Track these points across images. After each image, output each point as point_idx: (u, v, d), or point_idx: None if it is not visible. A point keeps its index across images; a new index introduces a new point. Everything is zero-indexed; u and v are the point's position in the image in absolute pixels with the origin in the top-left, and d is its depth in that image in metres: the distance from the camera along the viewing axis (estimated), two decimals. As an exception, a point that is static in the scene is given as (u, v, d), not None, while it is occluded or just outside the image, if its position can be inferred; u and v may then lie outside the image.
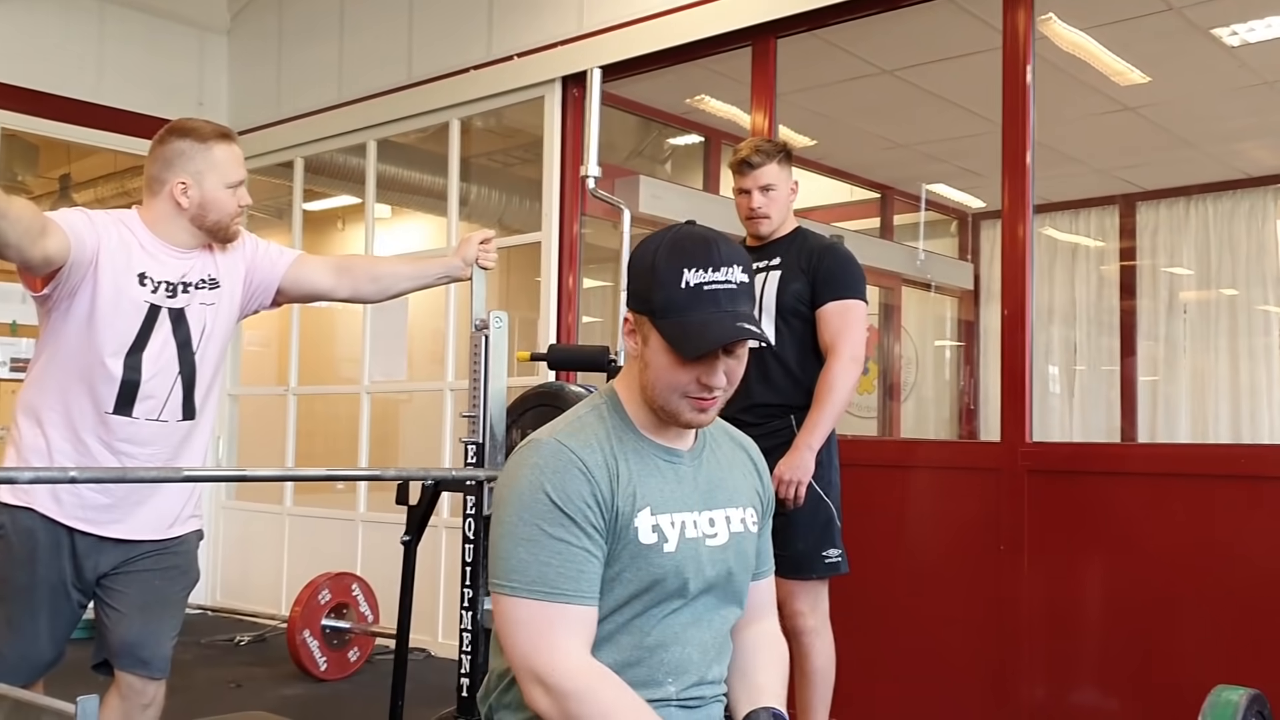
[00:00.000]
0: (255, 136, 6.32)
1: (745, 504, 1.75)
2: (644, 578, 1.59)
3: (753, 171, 3.18)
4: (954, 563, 3.78)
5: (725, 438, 1.81)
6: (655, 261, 1.60)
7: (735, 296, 1.58)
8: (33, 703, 1.57)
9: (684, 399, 1.61)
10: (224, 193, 2.45)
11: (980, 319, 7.87)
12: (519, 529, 1.54)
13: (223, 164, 2.45)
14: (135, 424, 2.40)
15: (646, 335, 1.62)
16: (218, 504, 6.47)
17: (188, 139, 2.43)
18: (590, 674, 1.52)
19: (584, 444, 1.59)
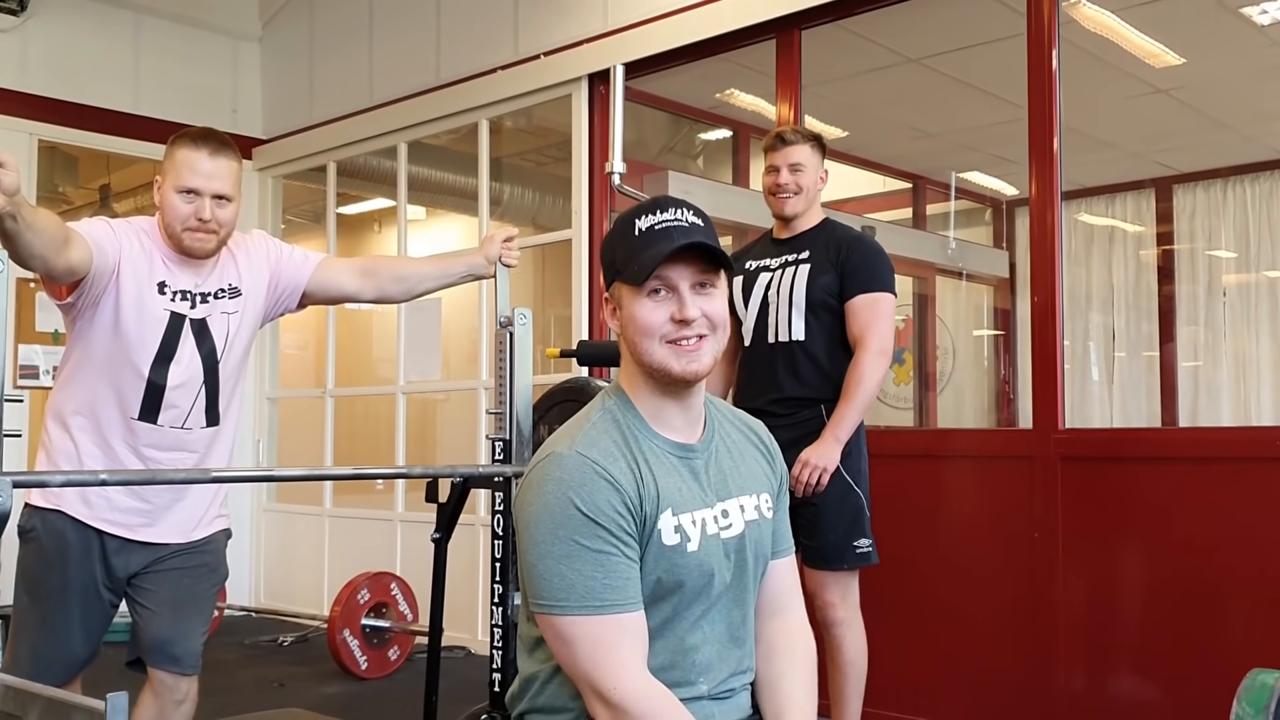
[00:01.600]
0: (288, 142, 6.40)
1: (758, 490, 1.75)
2: (670, 579, 1.59)
3: (784, 148, 3.19)
4: (988, 551, 3.77)
5: (731, 424, 1.80)
6: (612, 232, 1.68)
7: (689, 231, 1.60)
8: (64, 700, 1.60)
9: (666, 346, 1.60)
10: (174, 197, 2.38)
11: (1016, 307, 7.80)
12: (555, 547, 1.53)
13: (179, 166, 2.38)
14: (160, 431, 2.45)
15: (619, 298, 1.64)
16: (259, 507, 6.56)
17: (172, 142, 2.43)
18: (650, 697, 1.52)
19: (605, 453, 1.58)
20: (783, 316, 3.17)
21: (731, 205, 6.00)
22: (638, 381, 1.67)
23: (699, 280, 1.61)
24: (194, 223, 2.39)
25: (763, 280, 3.23)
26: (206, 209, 2.39)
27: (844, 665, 3.11)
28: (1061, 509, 3.59)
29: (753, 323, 3.24)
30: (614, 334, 1.69)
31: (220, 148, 2.41)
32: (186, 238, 2.41)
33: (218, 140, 2.42)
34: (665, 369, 1.61)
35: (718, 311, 1.63)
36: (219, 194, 2.39)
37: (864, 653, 3.13)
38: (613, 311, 1.67)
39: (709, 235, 1.62)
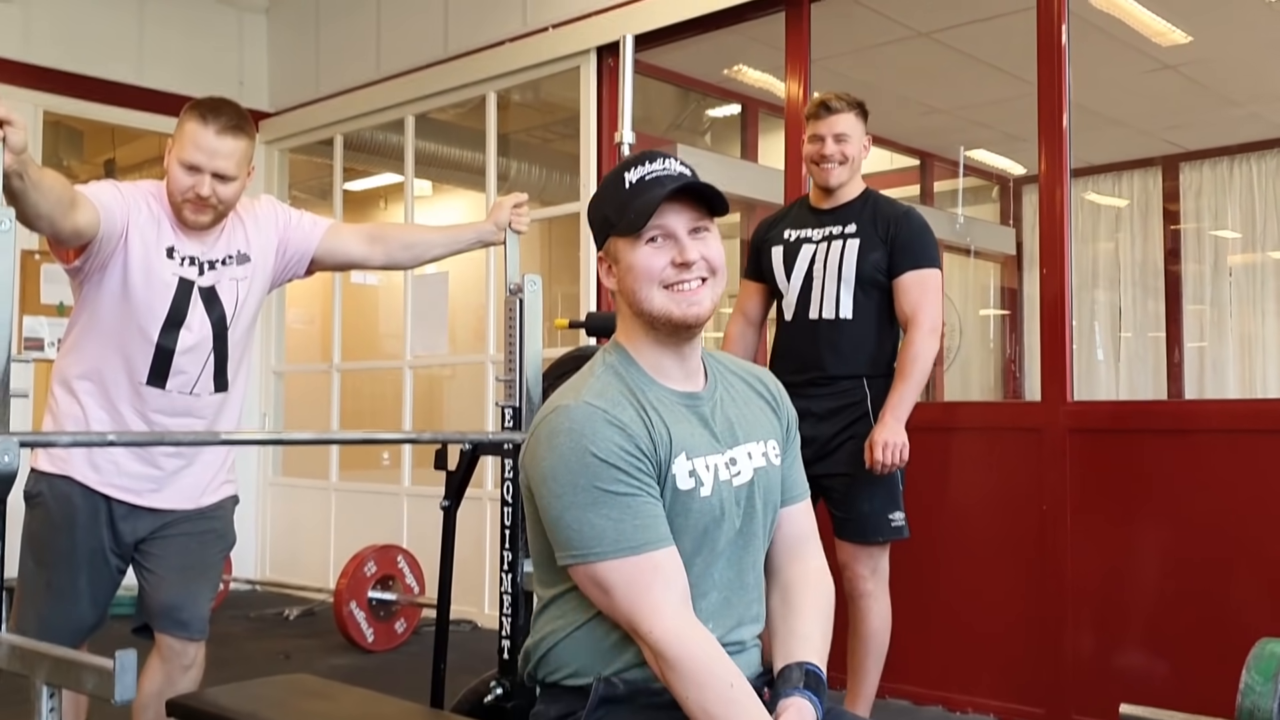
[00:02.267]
0: (295, 115, 6.38)
1: (765, 437, 1.75)
2: (684, 524, 1.59)
3: (829, 116, 3.13)
4: (996, 523, 3.77)
5: (734, 375, 1.80)
6: (600, 191, 1.69)
7: (678, 178, 1.62)
8: (72, 660, 1.61)
9: (666, 291, 1.61)
10: (177, 168, 2.36)
11: (1023, 285, 7.79)
12: (578, 496, 1.53)
13: (184, 139, 2.35)
14: (168, 396, 2.44)
15: (615, 253, 1.65)
16: (265, 481, 6.56)
17: (186, 110, 2.40)
18: (685, 638, 1.52)
19: (613, 402, 1.58)
20: (829, 292, 3.13)
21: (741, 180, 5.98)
22: (637, 334, 1.67)
23: (695, 225, 1.62)
24: (192, 195, 2.37)
25: (806, 253, 3.18)
26: (206, 186, 2.36)
27: (866, 637, 3.11)
28: (1070, 481, 3.59)
29: (795, 297, 3.19)
30: (612, 291, 1.69)
31: (229, 127, 2.37)
32: (185, 209, 2.40)
33: (229, 117, 2.38)
34: (666, 314, 1.61)
35: (715, 255, 1.64)
36: (221, 173, 2.37)
37: (888, 626, 3.13)
38: (608, 269, 1.68)
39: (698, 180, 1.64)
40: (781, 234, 3.26)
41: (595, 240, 1.71)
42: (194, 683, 2.53)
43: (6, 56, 5.53)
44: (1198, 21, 5.42)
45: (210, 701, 2.14)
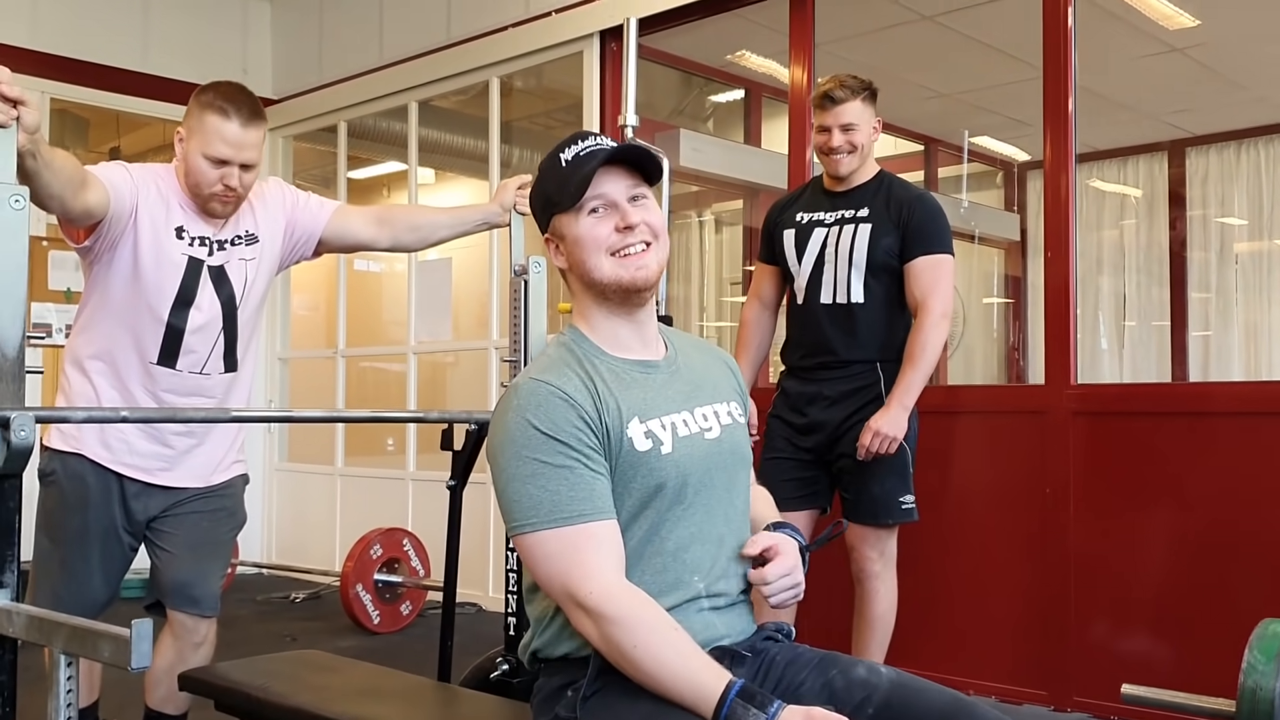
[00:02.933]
0: (298, 102, 6.39)
1: (728, 399, 1.79)
2: (648, 484, 1.61)
3: (835, 107, 3.11)
4: (1001, 506, 3.78)
5: (693, 348, 1.85)
6: (539, 176, 1.73)
7: (611, 150, 1.66)
8: (88, 629, 1.63)
9: (613, 258, 1.65)
10: (201, 161, 2.38)
11: (1027, 271, 7.79)
12: (519, 468, 1.55)
13: (208, 133, 2.36)
14: (179, 375, 2.46)
15: (560, 230, 1.69)
16: (271, 466, 6.59)
17: (200, 96, 2.42)
18: (625, 597, 1.53)
19: (559, 375, 1.61)
20: (840, 277, 3.12)
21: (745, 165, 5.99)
22: (589, 308, 1.71)
23: (633, 193, 1.67)
24: (220, 188, 2.41)
25: (818, 236, 3.17)
26: (235, 177, 2.40)
27: (873, 619, 3.12)
28: (1073, 464, 3.60)
29: (806, 281, 3.19)
30: (562, 270, 1.72)
31: (251, 116, 2.40)
32: (213, 202, 2.43)
33: (249, 107, 2.40)
34: (616, 280, 1.66)
35: (656, 220, 1.69)
36: (247, 163, 2.41)
37: (894, 609, 3.14)
38: (556, 249, 1.72)
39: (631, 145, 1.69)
40: (794, 217, 3.25)
41: (540, 225, 1.75)
42: (205, 659, 2.55)
43: (14, 44, 5.54)
44: (1205, 4, 5.42)
45: (222, 675, 2.17)
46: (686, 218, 7.58)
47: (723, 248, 7.86)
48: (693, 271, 7.68)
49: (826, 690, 1.60)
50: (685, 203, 7.38)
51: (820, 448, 3.16)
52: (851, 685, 1.59)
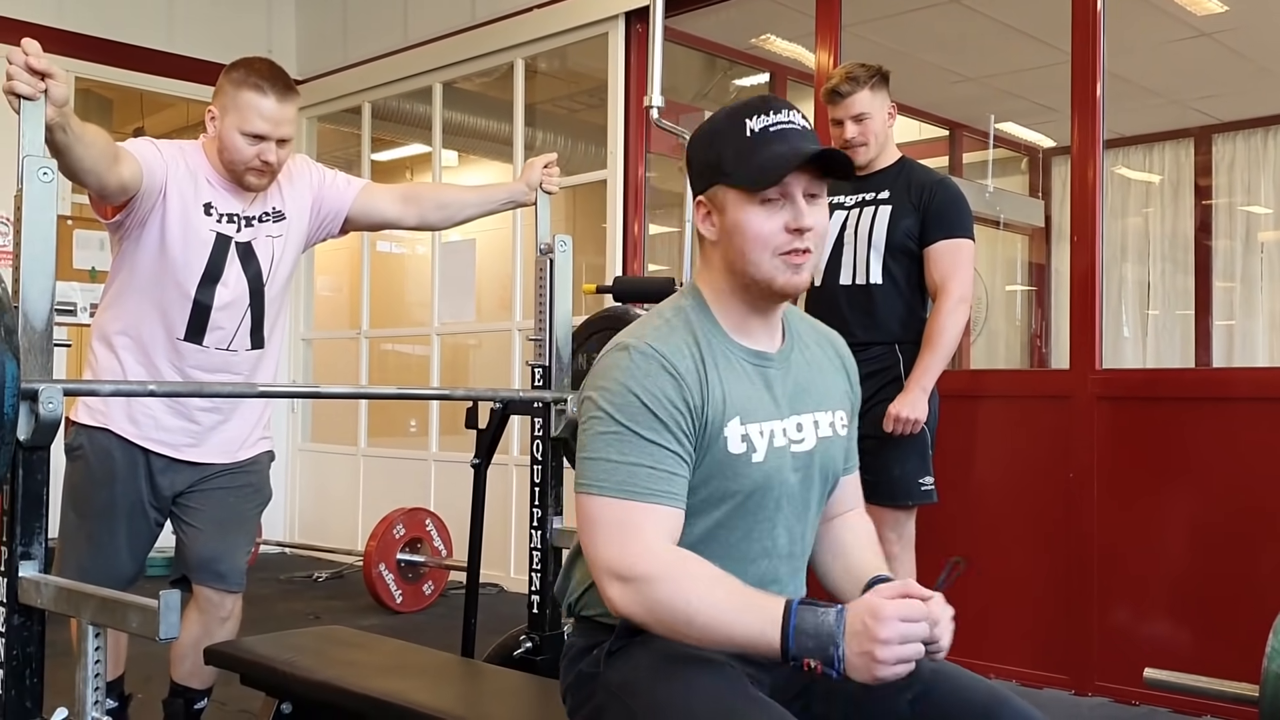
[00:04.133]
0: (323, 82, 6.40)
1: (835, 406, 1.71)
2: (731, 488, 1.55)
3: (843, 100, 3.12)
4: (1023, 490, 3.77)
5: (813, 335, 1.75)
6: (714, 126, 1.58)
7: (804, 136, 1.53)
8: (117, 599, 1.65)
9: (776, 258, 1.53)
10: (238, 137, 2.40)
11: (1052, 257, 7.74)
12: (608, 430, 1.49)
13: (245, 110, 2.38)
14: (206, 352, 2.47)
15: (721, 202, 1.56)
16: (294, 447, 6.63)
17: (232, 74, 2.43)
18: (672, 556, 1.46)
19: (674, 349, 1.53)
20: (860, 258, 3.12)
21: (767, 147, 5.95)
22: (723, 290, 1.60)
23: (811, 190, 1.54)
24: (257, 163, 2.42)
25: (837, 218, 3.17)
26: (271, 153, 2.42)
27: None
28: (1098, 448, 3.58)
29: (825, 262, 3.18)
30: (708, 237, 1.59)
31: (286, 91, 2.42)
32: (249, 176, 2.45)
33: (283, 82, 2.43)
34: (770, 281, 1.55)
35: (823, 224, 1.57)
36: (282, 137, 2.43)
37: None
38: (706, 215, 1.58)
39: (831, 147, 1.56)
40: None
41: (692, 183, 1.62)
42: (231, 634, 2.57)
43: (41, 22, 5.56)
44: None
45: (248, 649, 2.19)
46: (708, 201, 7.56)
47: (746, 231, 7.83)
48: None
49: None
50: (707, 186, 7.36)
51: None
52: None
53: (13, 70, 1.82)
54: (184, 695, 2.65)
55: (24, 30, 5.38)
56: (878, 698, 1.49)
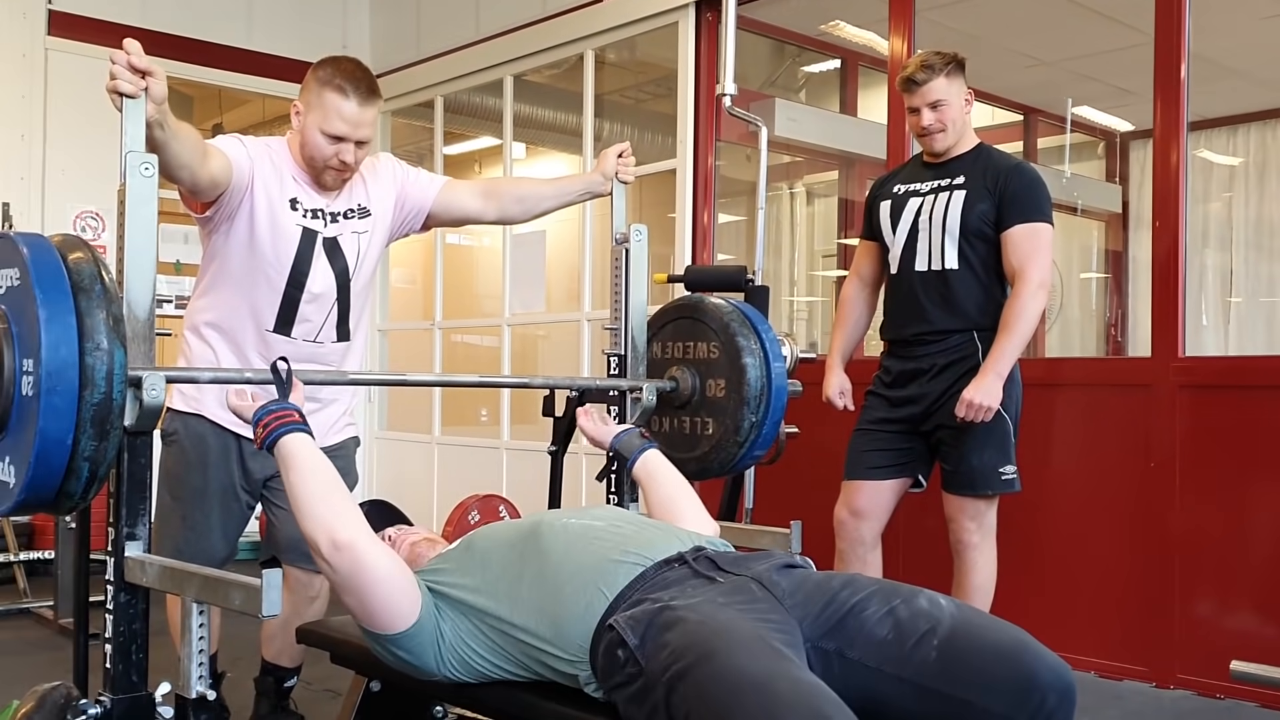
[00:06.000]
0: (397, 77, 6.48)
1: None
2: None
3: (919, 89, 3.11)
4: (1102, 480, 3.72)
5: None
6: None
7: None
8: (219, 578, 1.71)
9: None
10: (318, 136, 2.45)
11: (1129, 243, 7.60)
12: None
13: (327, 109, 2.44)
14: (294, 343, 2.54)
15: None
16: (371, 435, 6.74)
17: (319, 72, 2.49)
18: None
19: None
20: (934, 244, 3.11)
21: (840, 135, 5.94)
22: None
23: None
24: (335, 162, 2.49)
25: (912, 205, 3.17)
26: (349, 153, 2.48)
27: (970, 590, 3.10)
28: (1179, 438, 3.53)
29: (900, 250, 3.18)
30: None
31: (368, 94, 2.47)
32: (326, 174, 2.51)
33: (367, 86, 2.48)
34: None
35: None
36: (362, 140, 2.48)
37: (993, 581, 3.12)
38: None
39: None
40: (891, 189, 3.27)
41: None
42: (319, 613, 2.65)
43: (126, 22, 5.71)
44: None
45: (337, 628, 2.24)
46: (777, 189, 7.54)
47: (815, 220, 7.80)
48: (783, 244, 7.64)
49: (891, 617, 1.64)
50: (776, 175, 7.34)
51: (915, 418, 3.15)
52: (916, 615, 1.63)
53: (115, 69, 1.89)
54: (274, 673, 2.74)
55: (111, 30, 5.57)
56: (906, 645, 1.58)
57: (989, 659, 1.55)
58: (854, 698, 1.51)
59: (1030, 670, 1.53)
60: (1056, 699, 1.52)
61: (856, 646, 1.63)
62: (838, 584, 1.72)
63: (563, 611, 1.76)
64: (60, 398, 1.58)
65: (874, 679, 1.60)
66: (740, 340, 2.65)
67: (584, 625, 1.73)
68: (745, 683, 1.46)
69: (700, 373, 2.76)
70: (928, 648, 1.58)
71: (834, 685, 1.47)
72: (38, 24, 5.64)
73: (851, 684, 1.59)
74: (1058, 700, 1.52)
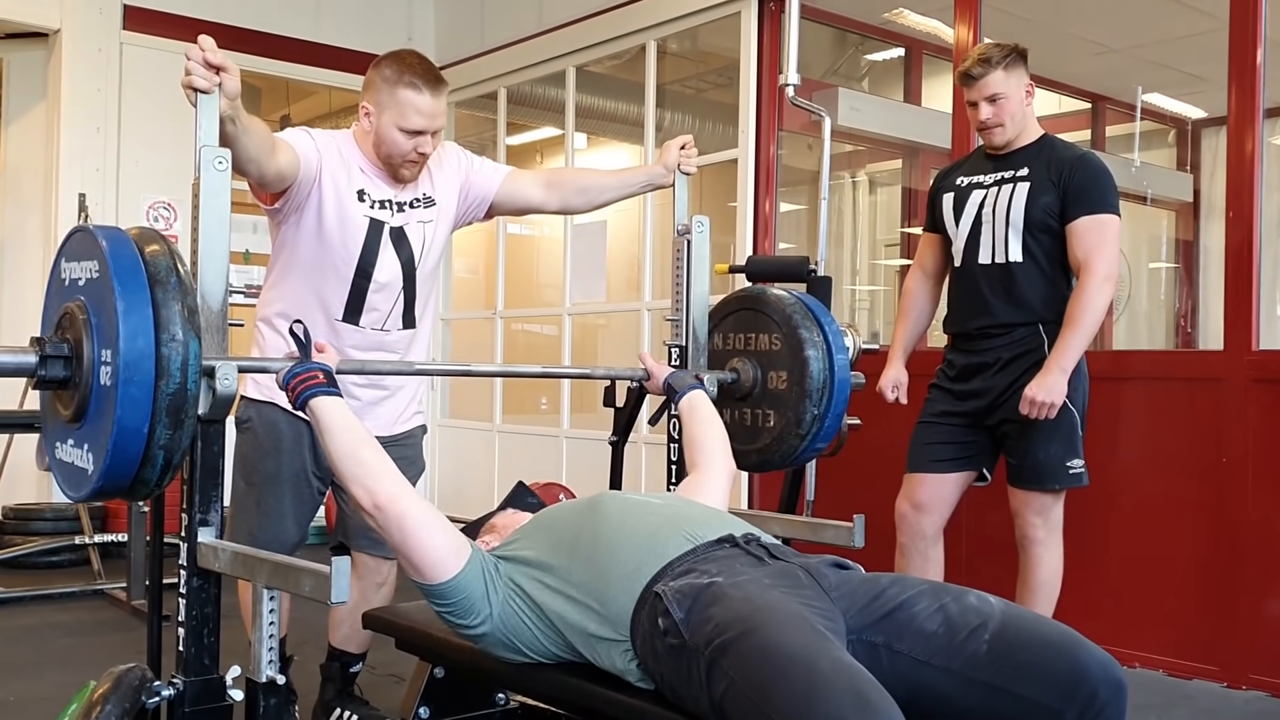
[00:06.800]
0: (461, 68, 6.53)
1: None
2: None
3: (976, 83, 3.07)
4: (1172, 475, 3.66)
5: None
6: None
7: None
8: (290, 565, 1.74)
9: None
10: (396, 133, 2.48)
11: (1200, 233, 7.45)
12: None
13: (402, 106, 2.46)
14: (362, 332, 2.58)
15: None
16: (434, 422, 6.82)
17: (384, 70, 2.51)
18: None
19: None
20: (998, 236, 3.07)
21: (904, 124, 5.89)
22: None
23: None
24: (414, 155, 2.52)
25: (975, 198, 3.13)
26: (427, 144, 2.52)
27: (1035, 585, 3.07)
28: (1253, 433, 3.45)
29: (963, 243, 3.15)
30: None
31: (439, 85, 2.51)
32: (404, 169, 2.55)
33: (435, 76, 2.51)
34: None
35: None
36: (437, 130, 2.52)
37: (1058, 577, 3.08)
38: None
39: None
40: (954, 181, 3.23)
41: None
42: (386, 599, 2.69)
43: (198, 16, 5.82)
44: None
45: (404, 614, 2.28)
46: (839, 178, 7.49)
47: (877, 209, 7.73)
48: (845, 234, 7.59)
49: (941, 613, 1.65)
50: (838, 163, 7.29)
51: (980, 412, 3.12)
52: (966, 611, 1.64)
53: (190, 65, 1.93)
54: (340, 659, 2.79)
55: (183, 24, 5.68)
56: (956, 638, 1.60)
57: (1040, 652, 1.57)
58: (901, 690, 1.53)
59: (1081, 664, 1.54)
60: (1108, 693, 1.53)
61: (905, 639, 1.64)
62: (885, 581, 1.75)
63: (612, 571, 1.82)
64: (137, 388, 1.62)
65: (923, 672, 1.62)
66: (803, 332, 2.64)
67: (630, 586, 1.78)
68: (788, 658, 1.49)
69: (762, 364, 2.75)
70: (978, 641, 1.59)
71: (881, 678, 1.48)
72: (113, 19, 5.77)
73: (899, 676, 1.61)
74: (1109, 694, 1.53)
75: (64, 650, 3.79)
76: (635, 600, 1.76)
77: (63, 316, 1.76)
